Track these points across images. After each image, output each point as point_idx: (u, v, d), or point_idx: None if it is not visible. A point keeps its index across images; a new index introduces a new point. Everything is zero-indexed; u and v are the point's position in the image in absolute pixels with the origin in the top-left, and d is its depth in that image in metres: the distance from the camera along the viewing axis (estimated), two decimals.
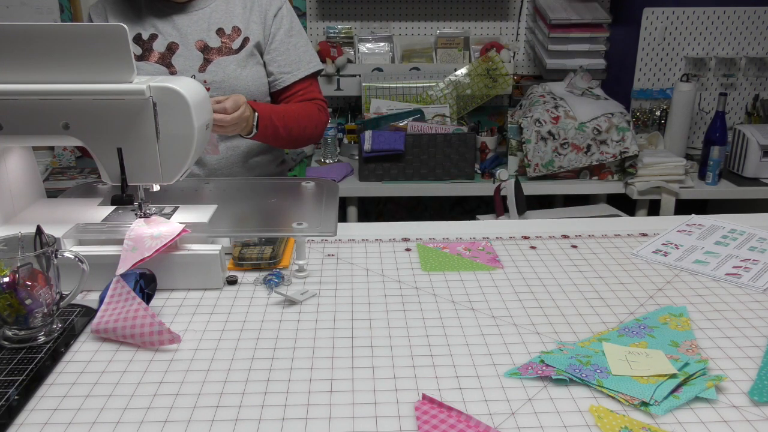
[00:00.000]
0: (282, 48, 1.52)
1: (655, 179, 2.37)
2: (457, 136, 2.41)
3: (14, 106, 0.97)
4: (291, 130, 1.49)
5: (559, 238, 1.25)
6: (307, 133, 1.54)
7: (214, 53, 1.46)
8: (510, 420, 0.72)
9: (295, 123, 1.49)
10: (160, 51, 1.46)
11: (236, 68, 1.47)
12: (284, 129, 1.47)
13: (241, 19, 1.49)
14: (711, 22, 2.67)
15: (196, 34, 1.47)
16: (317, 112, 1.57)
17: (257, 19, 1.50)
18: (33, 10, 2.71)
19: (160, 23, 1.47)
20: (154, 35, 1.47)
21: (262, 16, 1.50)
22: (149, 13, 1.48)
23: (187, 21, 1.47)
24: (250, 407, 0.74)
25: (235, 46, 1.48)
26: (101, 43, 0.95)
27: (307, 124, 1.53)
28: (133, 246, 0.97)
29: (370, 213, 3.14)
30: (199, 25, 1.47)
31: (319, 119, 1.57)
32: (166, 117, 1.01)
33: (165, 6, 1.47)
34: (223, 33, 1.47)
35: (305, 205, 1.27)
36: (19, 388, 0.77)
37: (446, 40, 2.83)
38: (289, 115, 1.48)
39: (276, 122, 1.44)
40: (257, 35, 1.49)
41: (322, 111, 1.59)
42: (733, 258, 1.15)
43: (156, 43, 1.46)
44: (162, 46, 1.46)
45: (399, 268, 1.12)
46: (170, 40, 1.46)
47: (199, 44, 1.46)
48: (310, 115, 1.54)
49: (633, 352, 0.83)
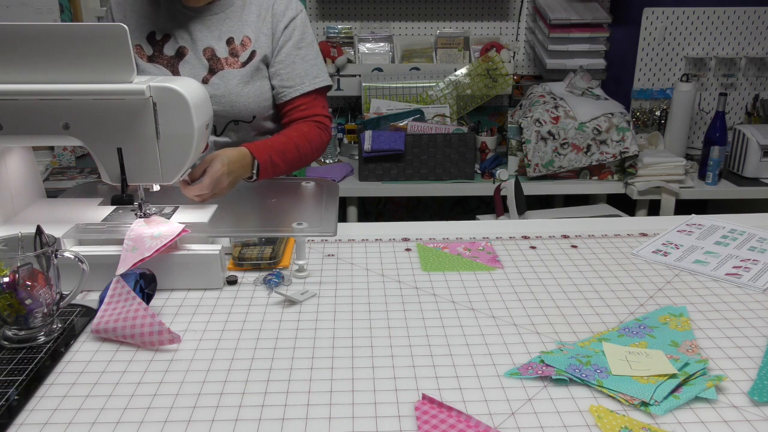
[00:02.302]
0: (287, 61, 1.48)
1: (655, 179, 2.37)
2: (457, 136, 2.41)
3: (14, 106, 0.97)
4: (291, 163, 1.45)
5: (559, 238, 1.25)
6: (307, 159, 1.50)
7: (220, 64, 1.45)
8: (510, 420, 0.72)
9: (295, 153, 1.45)
10: (169, 55, 1.45)
11: (239, 84, 1.45)
12: (284, 163, 1.43)
13: (253, 29, 1.47)
14: (711, 22, 2.67)
15: (207, 41, 1.46)
16: (317, 133, 1.51)
17: (267, 31, 1.47)
18: (33, 10, 2.71)
19: (175, 25, 1.46)
20: (167, 36, 1.46)
21: (272, 27, 1.47)
22: (167, 12, 1.47)
23: (200, 26, 1.46)
24: (250, 407, 0.74)
25: (242, 59, 1.46)
26: (101, 43, 0.95)
27: (307, 151, 1.48)
28: (133, 246, 0.97)
29: (370, 213, 3.14)
30: (212, 32, 1.46)
31: (319, 140, 1.52)
32: (166, 117, 1.01)
33: (183, 8, 1.46)
34: (232, 42, 1.46)
35: (305, 205, 1.27)
36: (19, 388, 0.77)
37: (446, 40, 2.83)
38: (288, 148, 1.44)
39: (276, 160, 1.40)
40: (265, 48, 1.47)
41: (323, 130, 1.54)
42: (733, 258, 1.15)
43: (167, 46, 1.46)
44: (172, 50, 1.45)
45: (399, 268, 1.12)
46: (181, 43, 1.45)
47: (208, 52, 1.45)
48: (310, 139, 1.49)
49: (633, 352, 0.83)
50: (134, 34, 1.46)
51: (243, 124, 1.49)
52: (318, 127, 1.52)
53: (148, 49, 1.46)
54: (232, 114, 1.46)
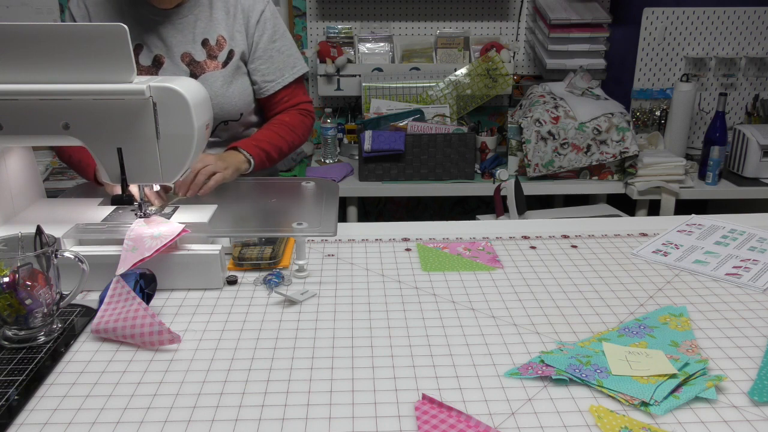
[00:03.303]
0: (265, 56, 1.50)
1: (655, 179, 2.37)
2: (457, 136, 2.41)
3: (14, 106, 0.97)
4: (281, 150, 1.50)
5: (559, 238, 1.25)
6: (295, 145, 1.55)
7: (201, 67, 1.44)
8: (510, 420, 0.72)
9: (280, 141, 1.50)
10: (146, 65, 1.43)
11: (222, 85, 1.45)
12: (272, 147, 1.47)
13: (224, 27, 1.46)
14: (711, 22, 2.67)
15: (182, 46, 1.43)
16: (301, 120, 1.56)
17: (240, 28, 1.47)
18: (33, 10, 2.71)
19: (145, 33, 1.43)
20: (139, 46, 1.43)
21: (244, 23, 1.47)
22: (133, 20, 1.42)
23: (173, 31, 1.43)
24: (250, 407, 0.74)
25: (221, 59, 1.45)
26: (101, 43, 0.95)
27: (293, 138, 1.53)
28: (133, 246, 0.97)
29: (370, 213, 3.14)
30: (185, 36, 1.44)
31: (303, 126, 1.57)
32: (166, 117, 1.01)
33: (149, 12, 1.43)
34: (207, 44, 1.44)
35: (305, 205, 1.27)
36: (19, 388, 0.77)
37: (446, 40, 2.83)
38: (272, 138, 1.49)
39: (262, 146, 1.45)
40: (241, 45, 1.47)
41: (307, 115, 1.59)
42: (733, 258, 1.15)
43: (142, 56, 1.43)
44: (148, 59, 1.43)
45: (399, 268, 1.12)
46: (156, 52, 1.43)
47: (186, 57, 1.43)
48: (294, 126, 1.54)
49: (633, 352, 0.83)
50: None
51: (232, 122, 1.50)
52: (301, 113, 1.57)
53: None
54: (221, 115, 1.47)
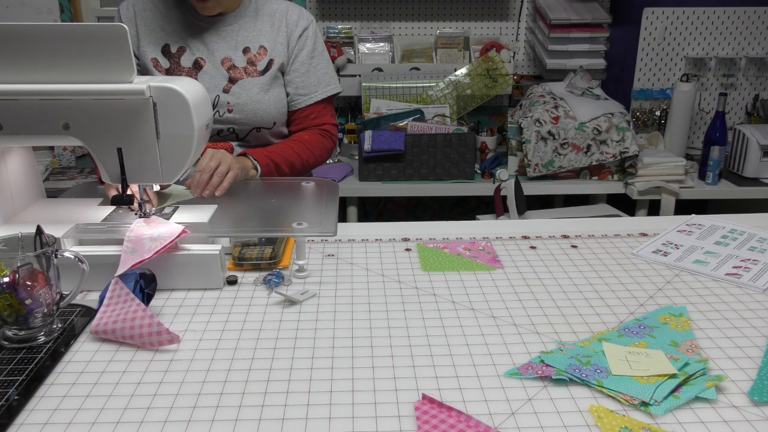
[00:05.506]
0: (302, 69, 1.53)
1: (655, 179, 2.37)
2: (457, 136, 2.41)
3: (14, 106, 0.97)
4: (293, 165, 1.50)
5: (559, 238, 1.25)
6: (310, 163, 1.55)
7: (240, 73, 1.47)
8: (510, 420, 0.72)
9: (296, 157, 1.51)
10: (187, 66, 1.47)
11: (259, 92, 1.48)
12: (286, 165, 1.48)
13: (268, 38, 1.50)
14: (711, 22, 2.67)
15: (224, 51, 1.48)
16: (320, 141, 1.56)
17: (283, 40, 1.50)
18: (33, 10, 2.71)
19: (189, 37, 1.48)
20: (182, 48, 1.47)
21: (287, 36, 1.51)
22: (179, 24, 1.48)
23: (216, 37, 1.48)
24: (250, 407, 0.74)
25: (260, 67, 1.49)
26: (101, 43, 0.95)
27: (308, 156, 1.53)
28: (133, 248, 0.97)
29: (370, 213, 3.14)
30: (227, 42, 1.48)
31: (323, 147, 1.57)
32: (166, 117, 1.01)
33: (195, 19, 1.48)
34: (248, 51, 1.48)
35: (305, 205, 1.27)
36: (19, 388, 0.77)
37: (446, 40, 2.83)
38: (287, 152, 1.49)
39: (272, 157, 1.46)
40: (282, 57, 1.50)
41: (327, 138, 1.59)
42: (733, 258, 1.15)
43: (184, 58, 1.47)
44: (189, 62, 1.47)
45: (399, 268, 1.12)
46: (198, 55, 1.47)
47: (227, 63, 1.47)
48: (312, 146, 1.54)
49: (633, 352, 0.83)
50: (148, 48, 1.47)
51: (264, 130, 1.52)
52: (322, 134, 1.58)
53: (165, 63, 1.47)
54: (255, 121, 1.50)
